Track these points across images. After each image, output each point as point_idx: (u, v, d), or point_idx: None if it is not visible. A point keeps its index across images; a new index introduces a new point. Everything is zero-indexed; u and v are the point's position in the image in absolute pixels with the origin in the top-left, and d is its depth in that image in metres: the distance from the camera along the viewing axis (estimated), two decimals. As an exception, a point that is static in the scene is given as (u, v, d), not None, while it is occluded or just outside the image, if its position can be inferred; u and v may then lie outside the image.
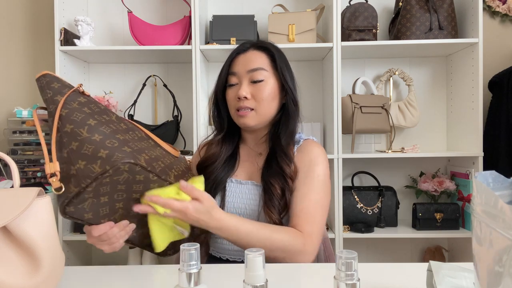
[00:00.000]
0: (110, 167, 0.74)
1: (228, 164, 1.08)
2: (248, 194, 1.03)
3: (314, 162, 1.01)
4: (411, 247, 2.14)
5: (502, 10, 2.08)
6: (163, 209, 0.82)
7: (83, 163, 0.74)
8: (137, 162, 0.76)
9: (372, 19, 1.88)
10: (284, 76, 1.04)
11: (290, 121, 1.05)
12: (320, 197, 0.99)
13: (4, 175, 1.84)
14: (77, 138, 0.75)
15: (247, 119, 1.02)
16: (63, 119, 0.78)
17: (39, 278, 0.64)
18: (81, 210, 0.78)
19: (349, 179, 2.04)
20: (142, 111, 2.12)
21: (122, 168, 0.75)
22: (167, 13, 2.14)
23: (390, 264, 0.88)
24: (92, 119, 0.79)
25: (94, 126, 0.77)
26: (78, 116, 0.78)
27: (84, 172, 0.74)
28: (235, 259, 1.03)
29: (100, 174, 0.74)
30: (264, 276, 0.52)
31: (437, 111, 2.12)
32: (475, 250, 0.49)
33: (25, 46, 2.17)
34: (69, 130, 0.76)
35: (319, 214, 0.97)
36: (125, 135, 0.82)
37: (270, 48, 1.06)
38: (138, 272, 0.86)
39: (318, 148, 1.05)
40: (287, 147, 1.03)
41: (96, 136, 0.76)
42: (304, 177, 1.00)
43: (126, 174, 0.76)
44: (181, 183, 0.83)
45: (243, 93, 1.00)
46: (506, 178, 0.51)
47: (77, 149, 0.75)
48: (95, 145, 0.75)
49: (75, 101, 0.81)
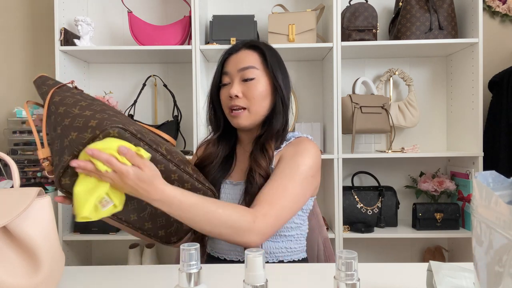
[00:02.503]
0: (100, 131, 0.76)
1: (225, 165, 1.09)
2: (239, 195, 1.03)
3: (300, 154, 1.00)
4: (411, 247, 2.14)
5: (502, 10, 2.08)
6: (105, 167, 0.74)
7: (75, 134, 0.78)
8: (126, 127, 0.79)
9: (372, 19, 1.88)
10: (275, 74, 1.03)
11: (275, 120, 1.04)
12: (292, 185, 0.94)
13: (4, 175, 1.84)
14: (69, 115, 0.80)
15: (240, 119, 1.02)
16: (56, 104, 0.84)
17: (39, 278, 0.64)
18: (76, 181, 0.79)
19: (349, 179, 2.04)
20: (142, 111, 2.12)
21: (112, 133, 0.77)
22: (167, 13, 2.14)
23: (390, 264, 0.88)
24: (84, 102, 0.84)
25: (85, 106, 0.82)
26: (70, 100, 0.84)
27: (76, 141, 0.77)
28: (233, 258, 1.03)
29: (91, 139, 0.76)
30: (264, 276, 0.52)
31: (437, 111, 2.12)
32: (475, 250, 0.49)
33: (25, 46, 2.16)
34: (62, 111, 0.82)
35: (283, 200, 0.93)
36: (117, 114, 0.85)
37: (261, 47, 1.06)
38: (138, 272, 0.86)
39: (309, 143, 1.03)
40: (265, 142, 1.02)
41: (87, 112, 0.80)
42: (283, 164, 0.98)
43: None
44: (120, 148, 0.75)
45: (234, 92, 1.01)
46: (506, 178, 0.51)
47: (69, 123, 0.79)
48: (86, 118, 0.79)
49: (68, 91, 0.88)
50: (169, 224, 0.92)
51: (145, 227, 0.90)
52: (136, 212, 0.88)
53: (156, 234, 0.92)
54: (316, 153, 1.02)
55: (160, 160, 0.84)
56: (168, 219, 0.92)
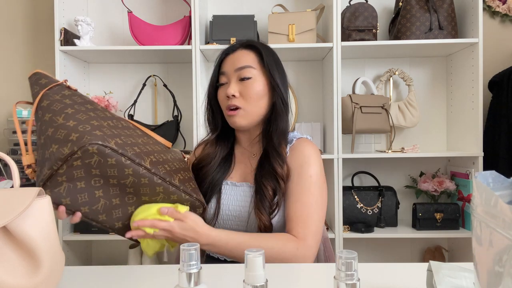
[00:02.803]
0: (78, 148, 0.75)
1: (224, 165, 1.09)
2: (242, 196, 1.03)
3: (306, 163, 1.00)
4: (411, 247, 2.14)
5: (502, 10, 2.08)
6: (152, 229, 0.87)
7: (56, 147, 0.77)
8: (105, 144, 0.77)
9: (372, 19, 1.88)
10: (272, 73, 1.03)
11: (279, 120, 1.04)
12: (314, 198, 0.98)
13: (4, 175, 1.84)
14: (53, 125, 0.79)
15: (237, 118, 1.02)
16: (43, 109, 0.82)
17: (39, 278, 0.64)
18: (58, 194, 0.79)
19: (349, 179, 2.04)
20: (142, 111, 2.12)
21: (91, 150, 0.76)
22: (167, 13, 2.14)
23: (390, 264, 0.88)
24: (71, 109, 0.83)
25: (71, 114, 0.81)
26: (57, 106, 0.82)
27: (56, 155, 0.76)
28: (232, 259, 1.03)
29: (69, 156, 0.75)
30: (264, 276, 0.52)
31: (437, 111, 2.12)
32: (475, 250, 0.49)
33: (25, 46, 2.17)
34: (47, 119, 0.81)
35: (313, 215, 0.97)
36: (103, 122, 0.84)
37: (258, 47, 1.06)
38: (138, 272, 0.86)
39: (311, 147, 1.04)
40: (279, 147, 1.02)
41: (71, 122, 0.79)
42: (296, 179, 0.99)
43: (96, 157, 0.77)
44: (161, 210, 0.87)
45: (231, 91, 1.01)
46: (506, 178, 0.51)
47: (52, 134, 0.78)
48: (68, 129, 0.78)
49: (58, 93, 0.86)
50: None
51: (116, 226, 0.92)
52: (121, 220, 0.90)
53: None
54: (319, 157, 1.04)
55: (144, 174, 0.84)
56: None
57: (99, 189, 0.82)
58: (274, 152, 1.01)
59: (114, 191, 0.84)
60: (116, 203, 0.85)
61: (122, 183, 0.82)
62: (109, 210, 0.86)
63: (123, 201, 0.86)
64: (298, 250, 0.92)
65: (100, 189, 0.82)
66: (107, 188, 0.83)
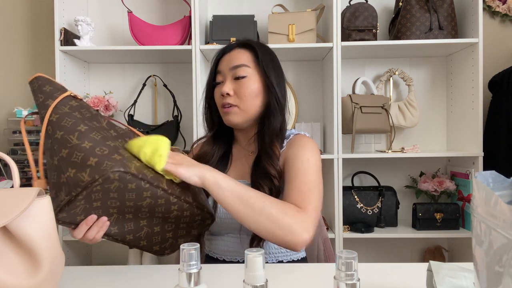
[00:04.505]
0: (99, 176, 0.72)
1: (221, 163, 1.09)
2: None
3: (303, 147, 1.00)
4: (411, 247, 2.14)
5: (502, 10, 2.08)
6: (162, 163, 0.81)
7: (73, 171, 0.73)
8: (127, 170, 0.75)
9: (372, 19, 1.88)
10: (267, 72, 1.03)
11: (272, 119, 1.03)
12: (313, 177, 0.96)
13: (4, 175, 1.84)
14: (67, 145, 0.75)
15: (231, 116, 1.03)
16: (53, 125, 0.78)
17: (39, 278, 0.64)
18: (74, 214, 0.77)
19: (349, 179, 2.04)
20: (142, 111, 2.12)
21: (112, 177, 0.73)
22: (167, 13, 2.14)
23: (390, 264, 0.88)
24: (83, 125, 0.79)
25: (84, 132, 0.77)
26: (69, 122, 0.78)
27: (74, 180, 0.73)
28: (232, 259, 1.03)
29: (90, 183, 0.73)
30: (264, 276, 0.52)
31: (437, 111, 2.12)
32: (475, 250, 0.49)
33: (25, 46, 2.16)
34: (59, 137, 0.76)
35: (313, 192, 0.93)
36: (115, 142, 0.81)
37: (254, 46, 1.06)
38: (138, 272, 0.86)
39: (308, 139, 1.04)
40: (270, 146, 1.01)
41: (86, 143, 0.75)
42: (294, 162, 0.98)
43: (117, 182, 0.75)
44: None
45: (225, 90, 1.01)
46: (506, 178, 0.51)
47: (67, 156, 0.74)
48: (85, 152, 0.74)
49: (66, 105, 0.81)
50: (164, 240, 0.91)
51: (140, 244, 0.89)
52: (132, 233, 0.87)
53: (150, 249, 0.91)
54: (317, 148, 1.03)
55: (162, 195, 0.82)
56: (164, 237, 0.90)
57: (114, 208, 0.80)
58: (266, 152, 1.01)
59: (128, 210, 0.82)
60: (129, 217, 0.84)
61: (139, 205, 0.81)
62: (121, 223, 0.84)
63: (136, 216, 0.85)
64: (298, 217, 0.86)
65: (115, 208, 0.80)
66: (122, 208, 0.81)
